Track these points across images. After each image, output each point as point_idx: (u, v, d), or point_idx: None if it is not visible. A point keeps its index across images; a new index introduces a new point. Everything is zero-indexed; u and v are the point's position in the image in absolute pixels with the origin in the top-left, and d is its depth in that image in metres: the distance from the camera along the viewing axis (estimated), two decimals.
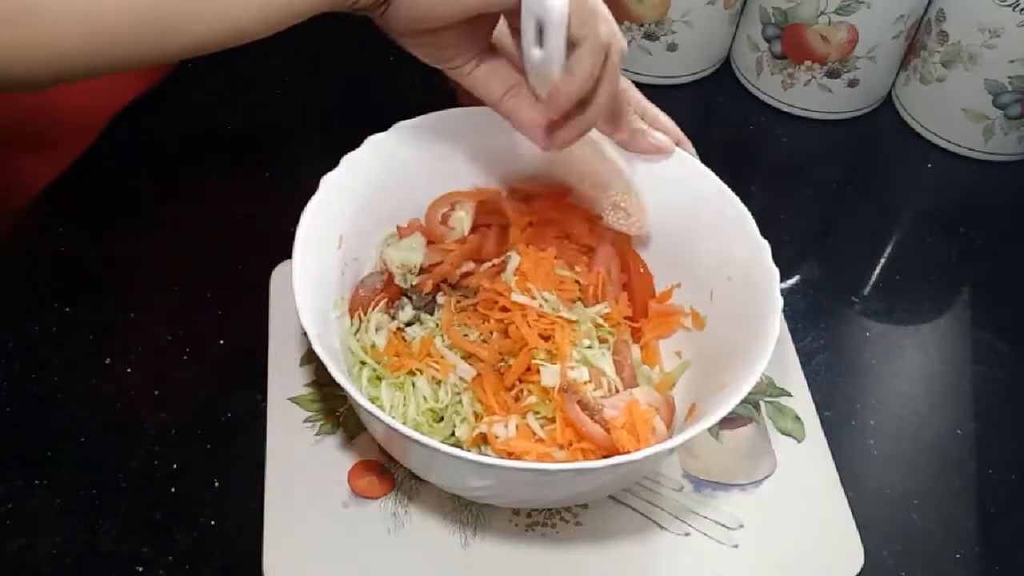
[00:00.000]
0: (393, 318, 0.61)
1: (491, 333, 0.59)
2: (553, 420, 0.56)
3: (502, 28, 0.54)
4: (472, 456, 0.48)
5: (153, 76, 0.79)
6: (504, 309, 0.59)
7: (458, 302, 0.61)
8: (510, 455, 0.54)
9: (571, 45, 0.50)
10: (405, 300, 0.62)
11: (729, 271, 0.60)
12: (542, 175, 0.65)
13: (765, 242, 0.58)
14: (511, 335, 0.58)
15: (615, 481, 0.56)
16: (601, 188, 0.63)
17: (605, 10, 0.51)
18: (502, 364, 0.58)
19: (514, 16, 0.50)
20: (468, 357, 0.59)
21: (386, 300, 0.62)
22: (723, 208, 0.61)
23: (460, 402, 0.57)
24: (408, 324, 0.61)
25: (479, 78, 0.54)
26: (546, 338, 0.58)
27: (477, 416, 0.57)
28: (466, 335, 0.59)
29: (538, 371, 0.56)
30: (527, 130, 0.55)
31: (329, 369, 0.49)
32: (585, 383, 0.56)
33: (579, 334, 0.59)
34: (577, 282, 0.62)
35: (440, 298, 0.62)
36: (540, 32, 0.49)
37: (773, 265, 0.57)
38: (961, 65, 0.82)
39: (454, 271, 0.63)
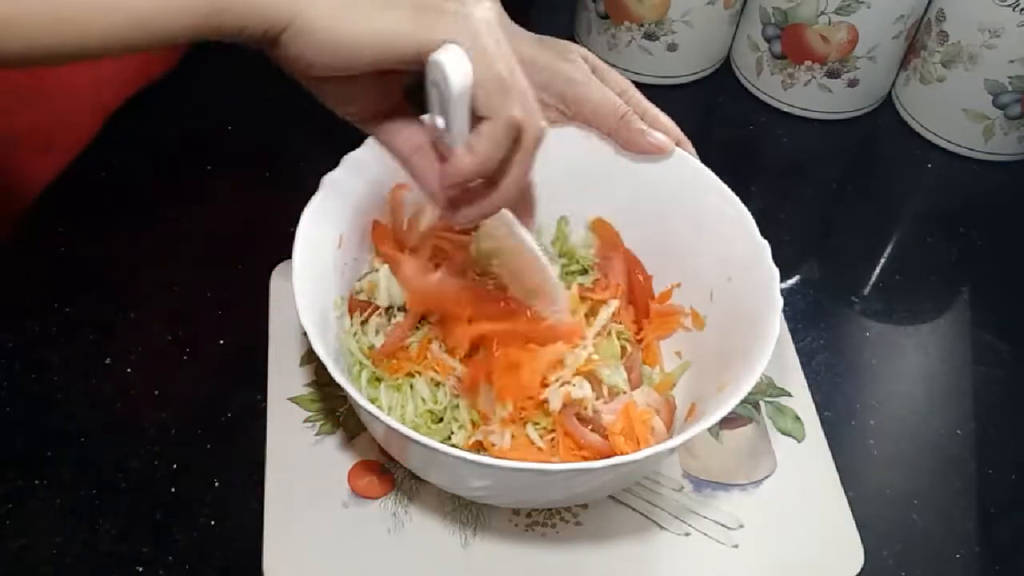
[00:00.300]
0: (390, 320, 0.61)
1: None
2: (551, 430, 0.56)
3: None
4: (472, 456, 0.48)
5: (153, 70, 0.79)
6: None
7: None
8: None
9: (476, 120, 0.46)
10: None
11: (729, 271, 0.60)
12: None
13: (765, 242, 0.58)
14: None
15: (615, 481, 0.56)
16: (516, 274, 0.58)
17: (523, 85, 0.46)
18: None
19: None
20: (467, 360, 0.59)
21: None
22: (723, 208, 0.61)
23: (457, 406, 0.57)
24: None
25: (385, 133, 0.51)
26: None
27: (474, 424, 0.57)
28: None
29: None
30: (431, 195, 0.51)
31: (329, 369, 0.49)
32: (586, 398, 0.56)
33: (601, 360, 0.58)
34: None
35: None
36: (436, 99, 0.45)
37: (773, 265, 0.57)
38: (961, 65, 0.82)
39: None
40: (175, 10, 0.42)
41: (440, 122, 0.46)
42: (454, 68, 0.43)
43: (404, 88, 0.50)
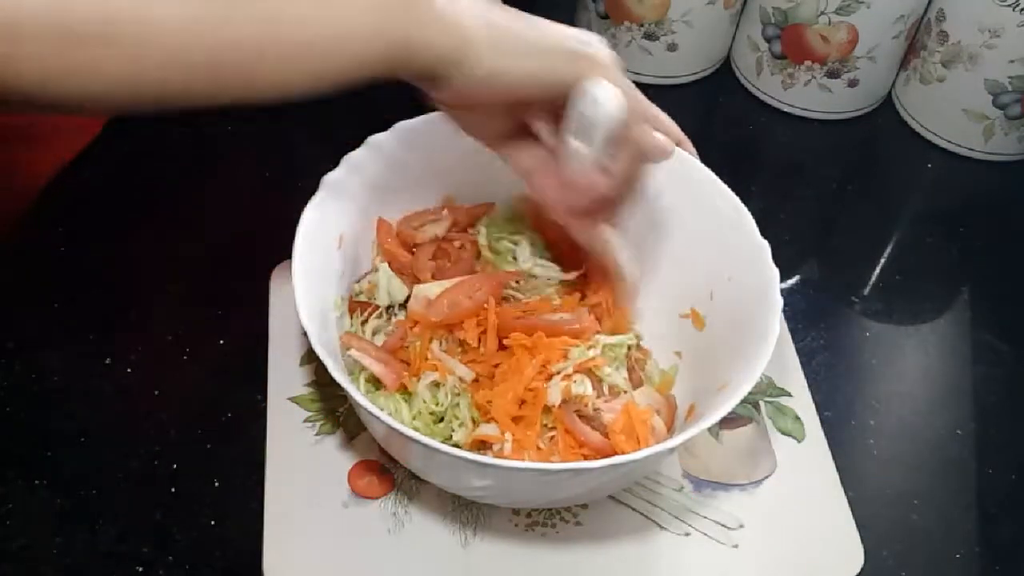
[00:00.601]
0: (390, 319, 0.61)
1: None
2: (552, 428, 0.56)
3: None
4: (472, 456, 0.48)
5: None
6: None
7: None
8: None
9: (614, 144, 0.51)
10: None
11: (729, 271, 0.60)
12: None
13: (765, 242, 0.58)
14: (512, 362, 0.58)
15: (615, 481, 0.56)
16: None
17: (653, 112, 0.53)
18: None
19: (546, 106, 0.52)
20: (467, 361, 0.59)
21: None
22: (723, 208, 0.61)
23: (458, 405, 0.57)
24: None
25: (509, 152, 0.56)
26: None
27: (475, 421, 0.57)
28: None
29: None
30: (550, 206, 0.57)
31: (329, 369, 0.49)
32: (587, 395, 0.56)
33: (603, 360, 0.58)
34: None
35: None
36: (583, 126, 0.50)
37: (773, 265, 0.57)
38: (961, 65, 0.82)
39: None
40: (361, 60, 0.46)
41: (581, 147, 0.51)
42: (608, 99, 0.49)
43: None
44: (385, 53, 0.46)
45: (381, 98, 0.55)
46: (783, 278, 0.57)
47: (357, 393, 0.49)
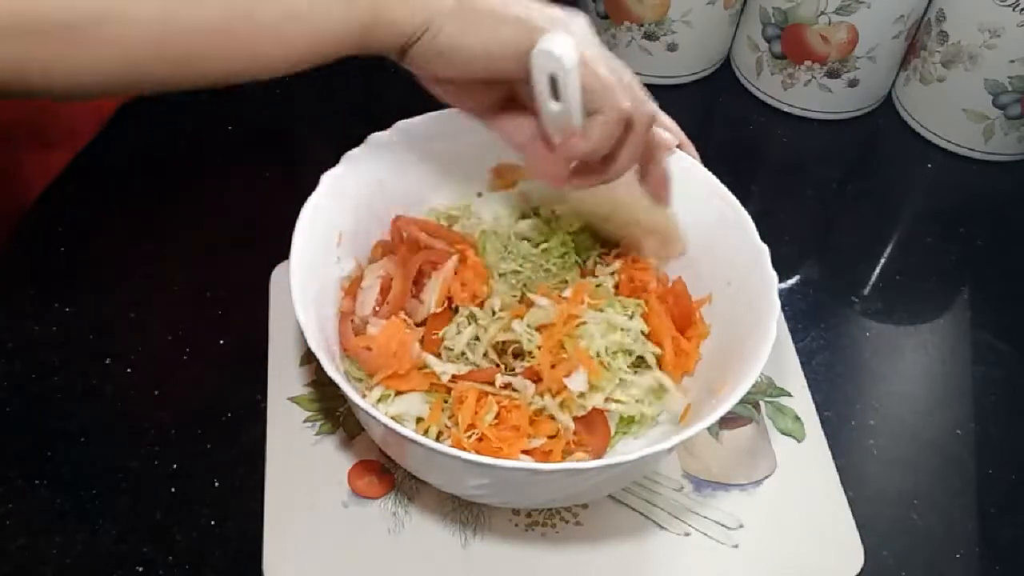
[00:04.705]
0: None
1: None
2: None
3: None
4: (469, 456, 0.48)
5: None
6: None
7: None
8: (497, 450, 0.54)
9: (588, 112, 0.51)
10: None
11: (728, 275, 0.60)
12: (552, 194, 0.65)
13: (764, 246, 0.58)
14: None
15: (613, 481, 0.56)
16: (629, 223, 0.64)
17: (627, 79, 0.53)
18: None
19: (522, 82, 0.52)
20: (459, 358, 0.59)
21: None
22: (723, 211, 0.61)
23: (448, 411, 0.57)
24: None
25: (500, 125, 0.56)
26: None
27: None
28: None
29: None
30: (543, 177, 0.57)
31: (325, 368, 0.49)
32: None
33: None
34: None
35: None
36: (554, 85, 0.50)
37: (772, 270, 0.57)
38: (961, 65, 0.82)
39: None
40: (339, 35, 0.48)
41: (554, 106, 0.51)
42: (563, 48, 0.48)
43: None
44: (353, 30, 0.48)
45: (382, 96, 0.55)
46: (783, 278, 0.57)
47: (354, 393, 0.49)
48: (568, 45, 0.49)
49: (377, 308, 0.60)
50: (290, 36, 0.47)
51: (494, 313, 0.59)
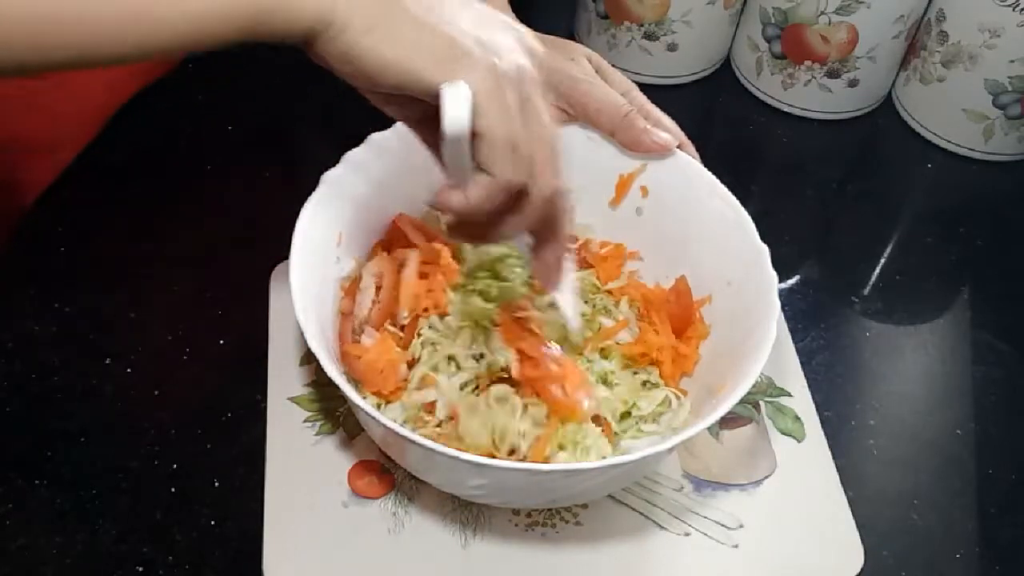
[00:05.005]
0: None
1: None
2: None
3: None
4: (468, 456, 0.48)
5: (149, 73, 0.79)
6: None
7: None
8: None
9: (480, 168, 0.46)
10: None
11: (728, 275, 0.60)
12: None
13: (764, 247, 0.58)
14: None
15: (612, 481, 0.56)
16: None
17: (541, 152, 0.46)
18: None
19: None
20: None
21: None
22: (723, 212, 0.61)
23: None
24: None
25: (426, 137, 0.51)
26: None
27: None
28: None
29: None
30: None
31: (325, 368, 0.49)
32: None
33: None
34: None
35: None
36: (441, 128, 0.45)
37: (772, 270, 0.57)
38: (961, 65, 0.82)
39: None
40: (221, 20, 0.43)
41: (445, 150, 0.46)
42: (451, 107, 0.43)
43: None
44: (248, 16, 0.43)
45: None
46: (783, 278, 0.57)
47: (353, 393, 0.49)
48: (460, 105, 0.43)
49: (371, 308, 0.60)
50: (163, 13, 0.42)
51: (456, 330, 0.59)
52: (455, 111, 0.43)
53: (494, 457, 0.53)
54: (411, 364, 0.59)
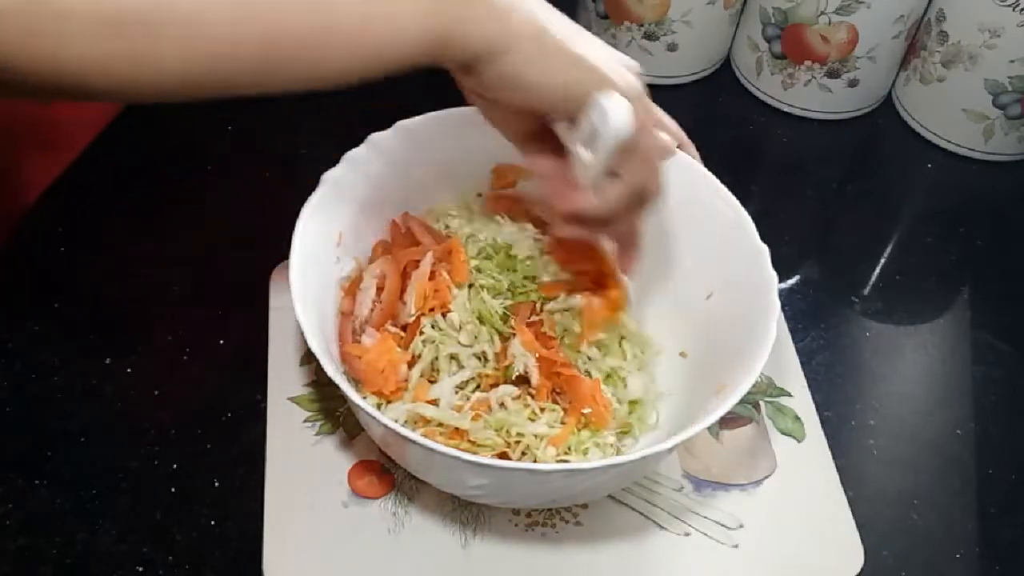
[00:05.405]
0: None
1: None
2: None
3: None
4: (468, 456, 0.48)
5: None
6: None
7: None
8: None
9: (610, 174, 0.52)
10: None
11: (728, 275, 0.60)
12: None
13: (764, 247, 0.58)
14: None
15: (613, 481, 0.56)
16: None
17: (654, 155, 0.53)
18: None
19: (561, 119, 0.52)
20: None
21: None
22: (723, 211, 0.61)
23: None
24: None
25: (531, 152, 0.56)
26: None
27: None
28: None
29: None
30: (549, 208, 0.56)
31: (324, 368, 0.49)
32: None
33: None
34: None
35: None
36: (593, 137, 0.50)
37: (772, 270, 0.57)
38: (961, 65, 0.82)
39: None
40: (407, 47, 0.46)
41: (582, 152, 0.51)
42: (617, 114, 0.48)
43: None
44: (430, 43, 0.46)
45: (382, 96, 0.55)
46: (783, 278, 0.57)
47: (353, 393, 0.49)
48: (625, 112, 0.49)
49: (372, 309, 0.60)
50: (365, 50, 0.45)
51: (459, 328, 0.59)
52: (620, 117, 0.48)
53: (507, 458, 0.54)
54: (411, 364, 0.59)
